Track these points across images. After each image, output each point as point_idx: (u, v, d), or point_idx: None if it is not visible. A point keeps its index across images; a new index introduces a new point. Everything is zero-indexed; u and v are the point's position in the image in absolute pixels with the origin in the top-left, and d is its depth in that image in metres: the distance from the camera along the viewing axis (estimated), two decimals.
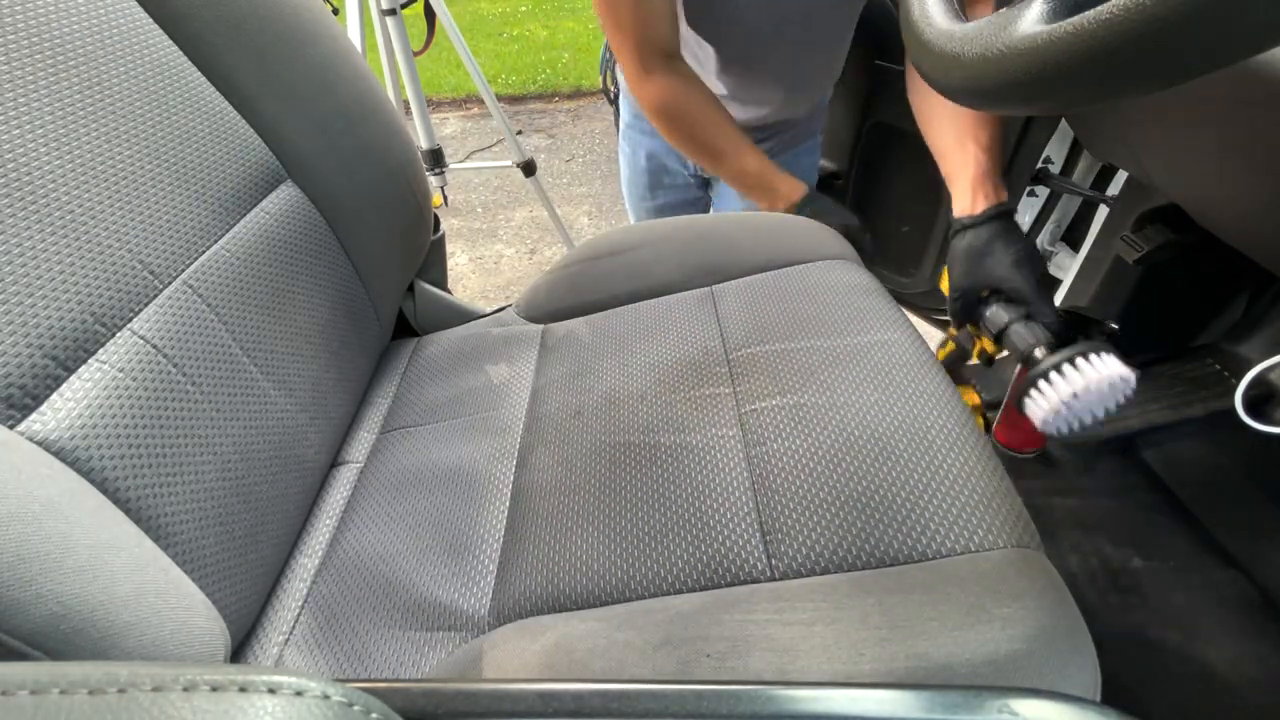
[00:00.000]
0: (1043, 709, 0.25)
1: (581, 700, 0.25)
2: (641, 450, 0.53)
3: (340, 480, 0.61)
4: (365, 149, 0.66)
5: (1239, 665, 0.63)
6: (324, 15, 0.64)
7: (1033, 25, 0.28)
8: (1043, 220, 0.96)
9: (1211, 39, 0.22)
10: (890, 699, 0.25)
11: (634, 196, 1.07)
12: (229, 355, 0.51)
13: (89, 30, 0.48)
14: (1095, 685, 0.37)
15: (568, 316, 0.72)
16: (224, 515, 0.47)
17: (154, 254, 0.47)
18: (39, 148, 0.42)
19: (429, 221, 0.77)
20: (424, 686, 0.26)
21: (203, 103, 0.54)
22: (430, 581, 0.50)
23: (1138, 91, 0.26)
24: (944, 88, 0.34)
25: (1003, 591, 0.38)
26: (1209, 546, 0.71)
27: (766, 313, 0.63)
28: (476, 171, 2.63)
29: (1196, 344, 0.85)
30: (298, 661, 0.48)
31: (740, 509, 0.47)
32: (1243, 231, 0.62)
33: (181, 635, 0.39)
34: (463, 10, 4.71)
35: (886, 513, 0.44)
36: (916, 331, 0.58)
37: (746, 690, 0.25)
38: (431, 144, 1.72)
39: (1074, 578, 0.72)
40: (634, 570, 0.45)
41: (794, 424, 0.51)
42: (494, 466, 0.57)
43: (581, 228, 2.29)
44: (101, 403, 0.41)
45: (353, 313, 0.66)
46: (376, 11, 1.52)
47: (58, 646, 0.32)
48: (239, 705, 0.17)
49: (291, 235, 0.59)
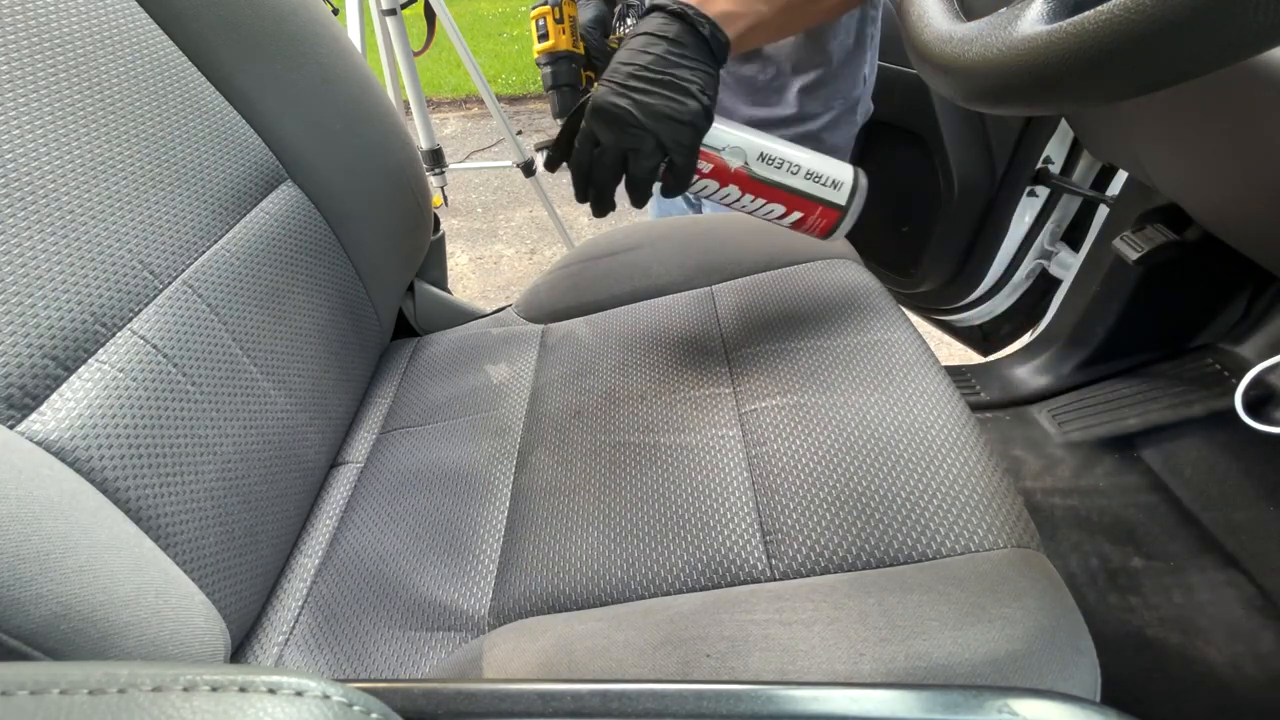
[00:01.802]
0: (1043, 709, 0.25)
1: (581, 700, 0.25)
2: (641, 450, 0.53)
3: (340, 480, 0.61)
4: (365, 149, 0.66)
5: (1239, 665, 0.63)
6: (324, 15, 0.64)
7: (1033, 25, 0.28)
8: (1043, 220, 0.96)
9: (1211, 40, 0.22)
10: (890, 699, 0.25)
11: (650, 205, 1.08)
12: (229, 355, 0.51)
13: (89, 30, 0.48)
14: (1095, 685, 0.37)
15: (568, 316, 0.72)
16: (224, 515, 0.47)
17: (154, 254, 0.47)
18: (39, 148, 0.42)
19: (429, 221, 0.77)
20: (424, 686, 0.26)
21: (203, 103, 0.54)
22: (430, 581, 0.50)
23: (1138, 92, 0.26)
24: (944, 88, 0.34)
25: (1003, 591, 0.38)
26: (1209, 546, 0.71)
27: (766, 313, 0.63)
28: (476, 171, 2.63)
29: (1196, 344, 0.85)
30: (298, 661, 0.48)
31: (740, 509, 0.47)
32: (1243, 231, 0.62)
33: (181, 635, 0.39)
34: (463, 10, 4.71)
35: (886, 513, 0.44)
36: (916, 331, 0.58)
37: (746, 690, 0.25)
38: (431, 144, 1.72)
39: (1074, 578, 0.72)
40: (634, 570, 0.45)
41: (794, 424, 0.51)
42: (494, 466, 0.57)
43: (581, 228, 2.29)
44: (101, 403, 0.41)
45: (353, 313, 0.66)
46: (376, 11, 1.52)
47: (58, 646, 0.32)
48: (239, 705, 0.17)
49: (291, 235, 0.59)
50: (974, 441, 0.48)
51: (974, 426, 0.49)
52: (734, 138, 0.53)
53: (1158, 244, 0.73)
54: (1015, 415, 0.91)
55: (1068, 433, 0.86)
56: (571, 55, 0.75)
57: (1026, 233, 0.97)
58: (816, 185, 0.54)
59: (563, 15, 0.73)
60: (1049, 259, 0.99)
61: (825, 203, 0.54)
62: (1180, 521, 0.74)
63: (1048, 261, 0.99)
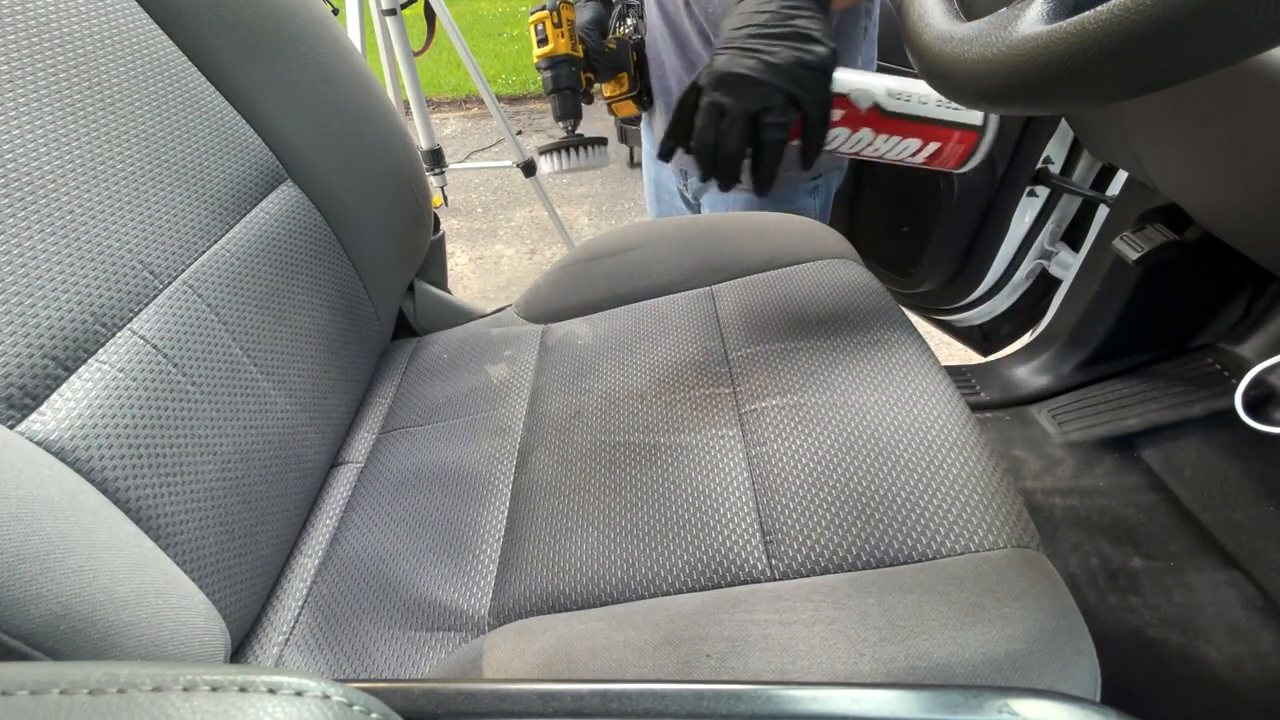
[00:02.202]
0: (1043, 709, 0.25)
1: (581, 700, 0.25)
2: (641, 450, 0.53)
3: (340, 480, 0.61)
4: (365, 149, 0.66)
5: (1239, 665, 0.63)
6: (324, 15, 0.64)
7: (1033, 25, 0.28)
8: (1043, 220, 0.96)
9: (1211, 40, 0.22)
10: (890, 699, 0.25)
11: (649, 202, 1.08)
12: (229, 355, 0.51)
13: (89, 30, 0.48)
14: (1095, 685, 0.37)
15: (568, 316, 0.72)
16: (224, 515, 0.47)
17: (154, 254, 0.47)
18: (39, 148, 0.42)
19: (429, 221, 0.77)
20: (424, 686, 0.26)
21: (203, 103, 0.54)
22: (430, 581, 0.50)
23: (1138, 92, 0.26)
24: (944, 88, 0.34)
25: (1003, 591, 0.38)
26: (1209, 546, 0.71)
27: (766, 313, 0.63)
28: (476, 171, 2.63)
29: (1196, 344, 0.85)
30: (298, 661, 0.48)
31: (740, 509, 0.47)
32: (1243, 231, 0.62)
33: (181, 635, 0.39)
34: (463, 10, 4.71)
35: (886, 513, 0.44)
36: (916, 331, 0.58)
37: (746, 690, 0.25)
38: (431, 144, 1.72)
39: (1074, 578, 0.72)
40: (634, 570, 0.45)
41: (794, 424, 0.51)
42: (494, 466, 0.57)
43: (581, 228, 2.29)
44: (101, 403, 0.41)
45: (353, 313, 0.66)
46: (376, 11, 1.52)
47: (58, 646, 0.32)
48: (239, 705, 0.17)
49: (291, 235, 0.59)
50: (974, 441, 0.48)
51: (974, 426, 0.49)
52: (858, 79, 0.52)
53: (1158, 244, 0.73)
54: (1015, 415, 0.91)
55: (1068, 433, 0.86)
56: (571, 59, 0.75)
57: (1026, 233, 0.97)
58: (950, 110, 0.52)
59: (561, 19, 0.74)
60: (1049, 259, 0.99)
61: (963, 126, 0.53)
62: (1180, 521, 0.74)
63: (1048, 261, 0.99)
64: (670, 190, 1.01)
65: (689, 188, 0.96)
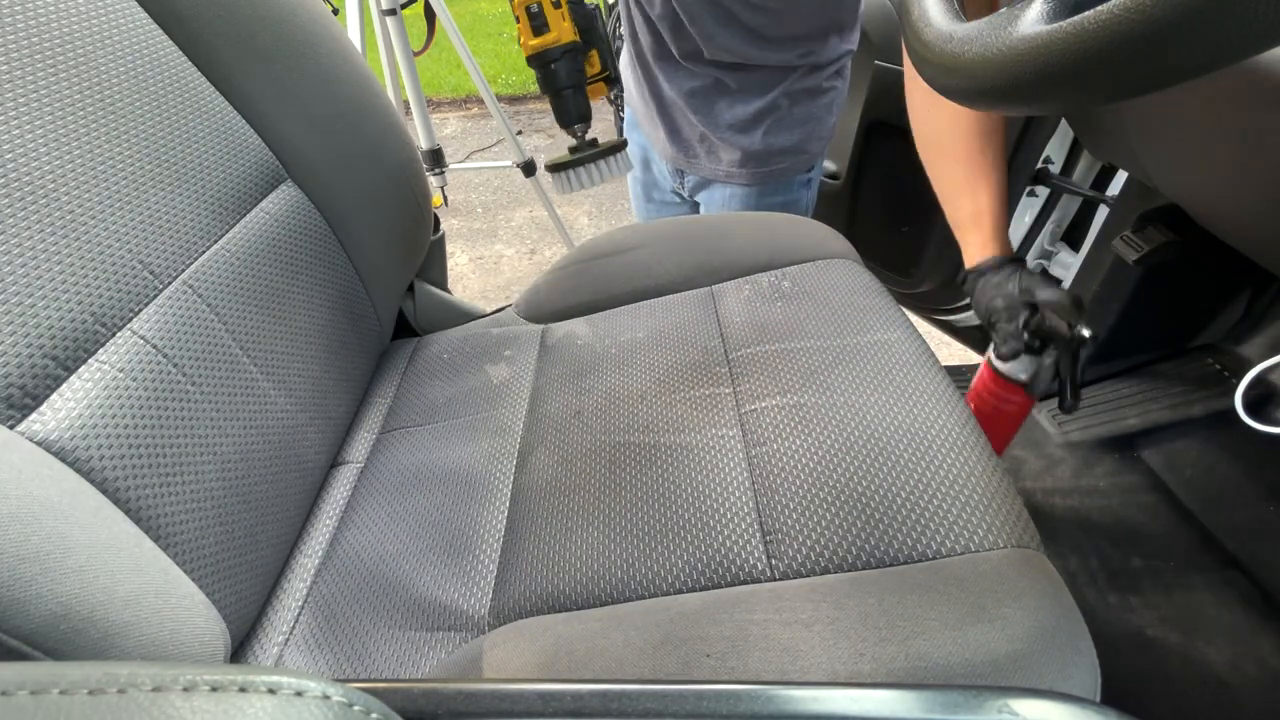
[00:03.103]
0: (1043, 709, 0.25)
1: (581, 700, 0.25)
2: (641, 450, 0.53)
3: (340, 480, 0.61)
4: (365, 149, 0.66)
5: (1239, 665, 0.63)
6: (324, 15, 0.64)
7: (1032, 25, 0.28)
8: (1043, 220, 0.96)
9: (1211, 39, 0.22)
10: (890, 699, 0.25)
11: (635, 203, 1.07)
12: (229, 355, 0.51)
13: (89, 30, 0.48)
14: (1095, 685, 0.37)
15: (568, 316, 0.72)
16: (224, 515, 0.47)
17: (154, 254, 0.47)
18: (39, 148, 0.42)
19: (429, 221, 0.77)
20: (424, 686, 0.26)
21: (203, 103, 0.54)
22: (430, 581, 0.50)
23: (1138, 92, 0.26)
24: (943, 88, 0.34)
25: (1003, 591, 0.38)
26: (1209, 546, 0.71)
27: (766, 313, 0.63)
28: (476, 171, 2.63)
29: (1196, 344, 0.85)
30: (298, 661, 0.48)
31: (740, 509, 0.47)
32: (1243, 231, 0.62)
33: (181, 635, 0.39)
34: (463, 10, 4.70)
35: (886, 513, 0.44)
36: (916, 331, 0.58)
37: (746, 690, 0.25)
38: (431, 144, 1.72)
39: (1074, 578, 0.72)
40: (634, 570, 0.45)
41: (794, 424, 0.51)
42: (494, 466, 0.57)
43: (581, 228, 2.29)
44: (101, 403, 0.41)
45: (353, 313, 0.66)
46: (376, 11, 1.52)
47: (58, 646, 0.32)
48: (239, 705, 0.17)
49: (291, 235, 0.59)
50: (974, 441, 0.48)
51: (974, 426, 0.49)
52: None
53: (1158, 244, 0.73)
54: None
55: (1068, 433, 0.86)
56: (575, 46, 0.65)
57: (1026, 233, 0.97)
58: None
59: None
60: (1049, 259, 0.99)
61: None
62: (1180, 521, 0.74)
63: (1048, 261, 0.99)
64: (663, 189, 1.01)
65: (686, 186, 0.96)
